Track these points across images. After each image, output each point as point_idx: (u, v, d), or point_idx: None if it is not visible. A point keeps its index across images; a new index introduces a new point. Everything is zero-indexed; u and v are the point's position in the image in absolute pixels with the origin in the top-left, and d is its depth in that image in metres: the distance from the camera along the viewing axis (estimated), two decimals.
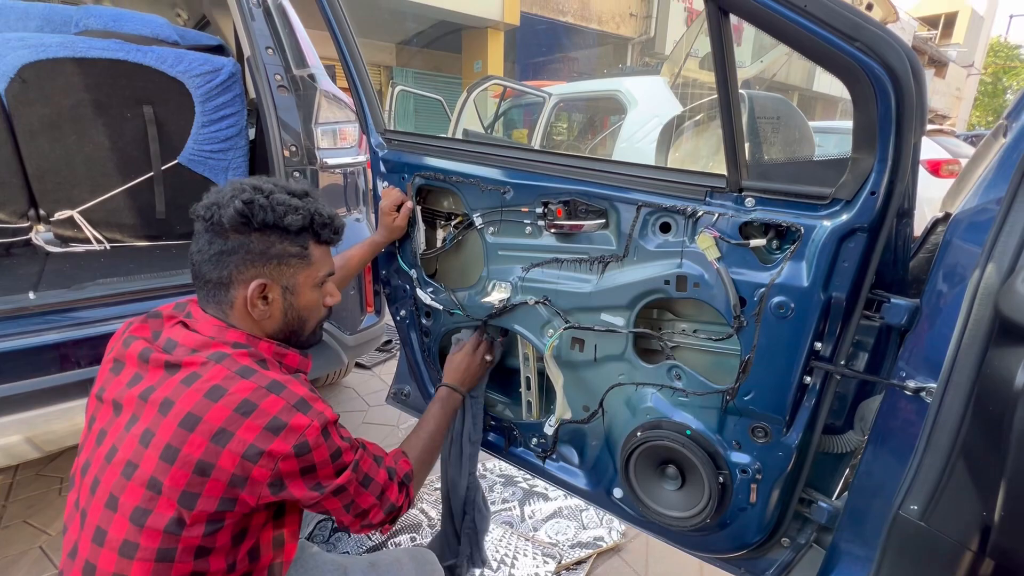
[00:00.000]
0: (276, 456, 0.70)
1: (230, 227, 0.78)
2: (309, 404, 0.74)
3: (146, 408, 0.72)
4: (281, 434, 0.70)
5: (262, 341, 0.83)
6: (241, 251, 0.79)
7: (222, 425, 0.69)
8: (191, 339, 0.77)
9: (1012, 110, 0.74)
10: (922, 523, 0.75)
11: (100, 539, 0.69)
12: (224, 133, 1.89)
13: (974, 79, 23.93)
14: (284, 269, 0.83)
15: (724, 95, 0.81)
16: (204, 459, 0.68)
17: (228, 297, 0.81)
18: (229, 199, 0.78)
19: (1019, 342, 0.59)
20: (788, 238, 0.86)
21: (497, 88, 4.96)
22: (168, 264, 1.69)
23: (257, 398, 0.71)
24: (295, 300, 0.86)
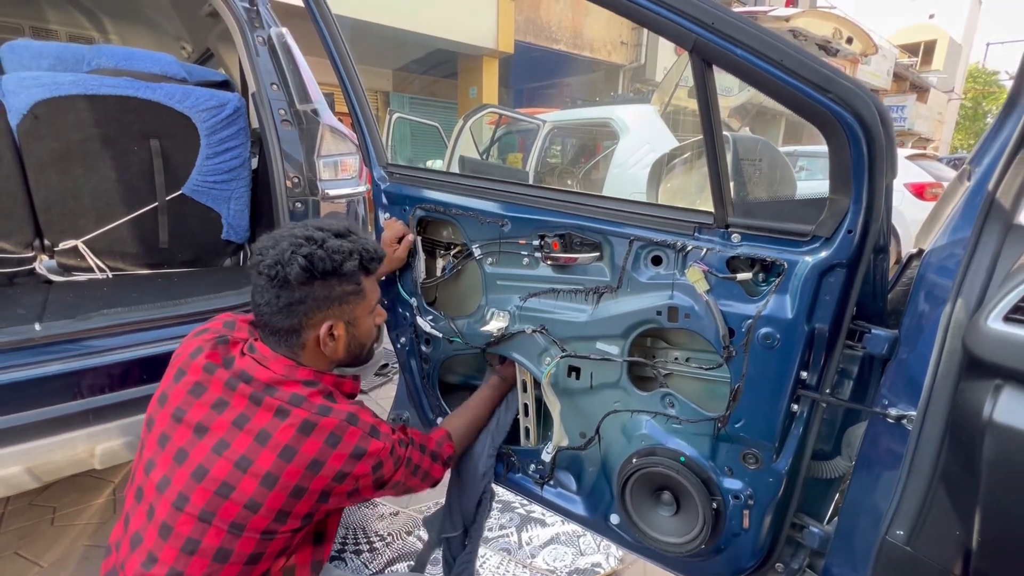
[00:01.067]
0: (358, 476, 0.87)
1: (296, 282, 0.86)
2: (378, 429, 0.92)
3: (240, 436, 0.83)
4: (362, 459, 0.87)
5: (325, 375, 0.94)
6: (308, 300, 0.89)
7: (315, 456, 0.83)
8: (265, 375, 0.87)
9: (975, 155, 0.80)
10: (908, 548, 0.77)
11: (192, 548, 0.80)
12: (228, 164, 1.94)
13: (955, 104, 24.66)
14: (345, 307, 0.93)
15: (709, 137, 0.86)
16: (300, 484, 0.82)
17: (299, 340, 0.91)
18: (291, 257, 0.85)
19: (985, 376, 0.63)
20: (773, 272, 0.91)
21: (493, 115, 5.08)
22: (171, 293, 1.71)
23: (340, 431, 0.86)
24: (356, 331, 0.97)
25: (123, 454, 1.47)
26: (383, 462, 0.91)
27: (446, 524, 1.33)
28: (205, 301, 1.62)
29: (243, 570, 0.82)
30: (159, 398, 0.90)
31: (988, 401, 0.60)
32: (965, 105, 25.90)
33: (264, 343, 0.92)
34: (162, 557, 0.79)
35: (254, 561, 0.83)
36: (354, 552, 1.82)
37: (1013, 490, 0.60)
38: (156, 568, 0.79)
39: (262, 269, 0.87)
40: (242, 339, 0.95)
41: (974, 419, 0.62)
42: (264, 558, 0.84)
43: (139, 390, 1.45)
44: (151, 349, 1.48)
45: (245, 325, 1.00)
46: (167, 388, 0.90)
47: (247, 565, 0.82)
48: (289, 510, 0.83)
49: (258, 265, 0.88)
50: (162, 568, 0.79)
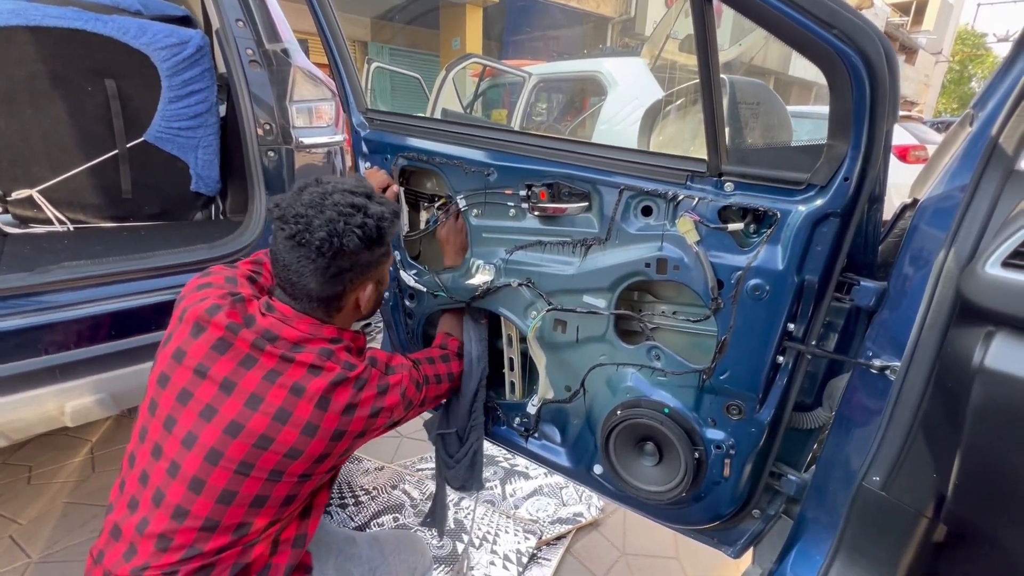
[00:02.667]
0: (391, 407, 0.94)
1: (350, 252, 0.87)
2: (392, 365, 0.99)
3: (273, 390, 0.83)
4: (389, 393, 0.94)
5: (346, 332, 0.96)
6: (356, 268, 0.91)
7: (348, 401, 0.87)
8: (293, 334, 0.88)
9: (979, 99, 0.77)
10: (883, 493, 0.79)
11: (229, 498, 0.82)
12: (193, 110, 1.81)
13: (942, 66, 24.55)
14: (381, 268, 0.97)
15: (706, 79, 0.82)
16: (339, 428, 0.86)
17: (338, 305, 0.93)
18: (345, 228, 0.85)
19: (977, 322, 0.62)
20: (765, 222, 0.89)
21: (477, 67, 4.86)
22: (138, 246, 1.63)
23: (366, 375, 0.91)
24: (382, 287, 1.01)
25: (96, 411, 1.43)
26: (406, 388, 0.98)
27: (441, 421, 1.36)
28: (176, 254, 1.54)
29: (277, 511, 0.86)
30: (174, 353, 0.87)
31: (979, 348, 0.60)
32: (952, 68, 25.82)
33: (282, 302, 0.92)
34: (195, 510, 0.80)
35: (288, 503, 0.87)
36: (339, 506, 1.84)
37: (998, 435, 0.61)
38: (189, 521, 0.80)
39: (308, 240, 0.84)
40: (253, 295, 0.94)
41: (962, 367, 0.62)
42: (296, 500, 0.89)
43: (110, 346, 1.40)
44: (120, 304, 1.42)
45: (245, 281, 0.98)
46: (183, 343, 0.87)
47: (282, 507, 0.87)
48: (329, 452, 0.87)
49: (300, 235, 0.85)
50: (195, 521, 0.80)
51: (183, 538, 0.80)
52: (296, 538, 0.93)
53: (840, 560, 0.86)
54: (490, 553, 1.67)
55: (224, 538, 0.82)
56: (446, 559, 1.64)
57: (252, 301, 0.91)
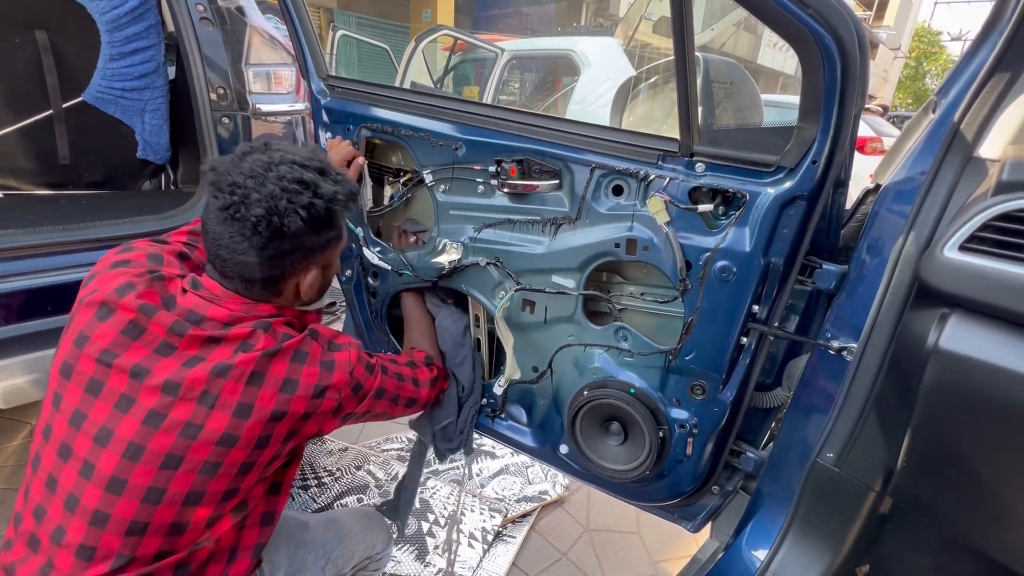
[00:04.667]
0: (338, 386, 0.83)
1: (293, 232, 0.77)
2: (336, 342, 0.88)
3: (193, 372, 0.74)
4: (336, 369, 0.83)
5: (286, 310, 0.87)
6: (298, 251, 0.81)
7: (286, 376, 0.78)
8: (221, 313, 0.78)
9: (943, 87, 0.78)
10: (836, 469, 0.82)
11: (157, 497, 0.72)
12: (138, 69, 1.67)
13: (900, 62, 25.46)
14: (328, 252, 0.87)
15: (680, 56, 0.80)
16: (278, 408, 0.77)
17: (277, 288, 0.84)
18: (287, 208, 0.75)
19: (933, 305, 0.64)
20: (733, 204, 0.89)
21: (447, 40, 4.72)
22: (78, 215, 1.51)
23: (305, 346, 0.82)
24: (329, 273, 0.91)
25: (32, 393, 1.34)
26: (354, 368, 0.87)
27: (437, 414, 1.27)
28: (119, 226, 1.44)
29: (217, 507, 0.76)
30: (75, 339, 0.76)
31: (934, 330, 0.62)
32: (909, 64, 26.82)
33: (211, 278, 0.81)
34: (117, 513, 0.71)
35: (229, 497, 0.78)
36: (302, 487, 1.80)
37: (947, 413, 0.64)
38: (112, 525, 0.70)
39: (244, 215, 0.74)
40: (177, 275, 0.82)
41: (917, 348, 0.64)
42: (239, 493, 0.79)
43: (45, 322, 1.30)
44: (57, 277, 1.32)
45: (174, 259, 0.87)
46: (87, 327, 0.75)
47: (222, 502, 0.77)
48: (269, 435, 0.77)
49: (235, 207, 0.74)
50: (119, 525, 0.71)
51: (107, 545, 0.70)
52: (264, 515, 0.87)
53: (793, 532, 0.90)
54: (456, 532, 1.67)
55: (156, 540, 0.73)
56: (411, 538, 1.63)
57: (174, 280, 0.81)
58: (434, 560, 1.58)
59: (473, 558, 1.59)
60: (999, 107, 0.69)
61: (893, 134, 6.19)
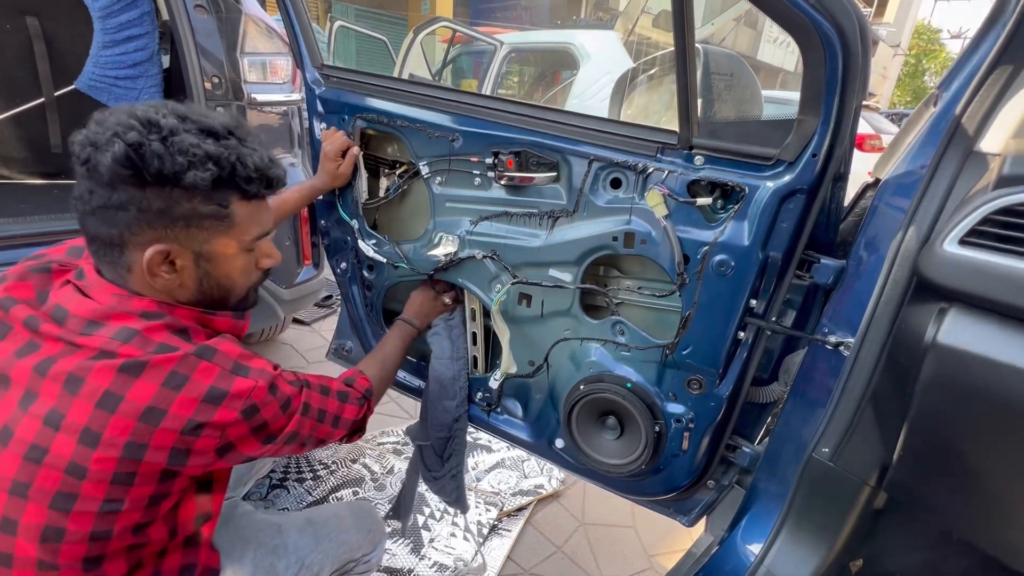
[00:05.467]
0: (223, 425, 0.65)
1: (108, 177, 0.61)
2: (246, 365, 0.69)
3: (44, 383, 0.62)
4: (223, 404, 0.65)
5: (177, 308, 0.70)
6: (132, 208, 0.63)
7: (150, 404, 0.61)
8: (85, 307, 0.65)
9: (944, 80, 0.77)
10: (831, 463, 0.82)
11: (11, 528, 0.61)
12: (131, 57, 1.65)
13: (899, 59, 25.42)
14: (195, 232, 0.67)
15: (681, 47, 0.79)
16: (134, 440, 0.61)
17: (122, 260, 0.66)
18: (109, 140, 0.60)
19: (932, 299, 0.64)
20: (732, 198, 0.88)
21: (446, 32, 4.68)
22: (68, 205, 1.49)
23: (187, 368, 0.64)
24: (211, 268, 0.71)
25: None
26: (259, 406, 0.68)
27: (419, 432, 1.31)
28: None
29: (90, 547, 0.63)
30: None
31: (932, 324, 0.61)
32: (909, 61, 26.78)
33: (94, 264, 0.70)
34: None
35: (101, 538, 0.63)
36: (297, 480, 1.80)
37: (944, 407, 0.63)
38: None
39: (75, 148, 0.63)
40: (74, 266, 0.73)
41: (914, 343, 0.64)
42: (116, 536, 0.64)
43: None
44: None
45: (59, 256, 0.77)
46: None
47: (93, 542, 0.63)
48: (132, 471, 0.62)
49: (71, 142, 0.63)
50: None
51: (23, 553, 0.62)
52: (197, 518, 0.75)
53: (788, 527, 0.90)
54: (451, 525, 1.67)
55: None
56: (407, 531, 1.63)
57: (62, 272, 0.70)
58: (429, 553, 1.58)
59: (469, 551, 1.59)
60: (1001, 101, 0.68)
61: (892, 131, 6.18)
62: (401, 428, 2.12)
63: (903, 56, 25.64)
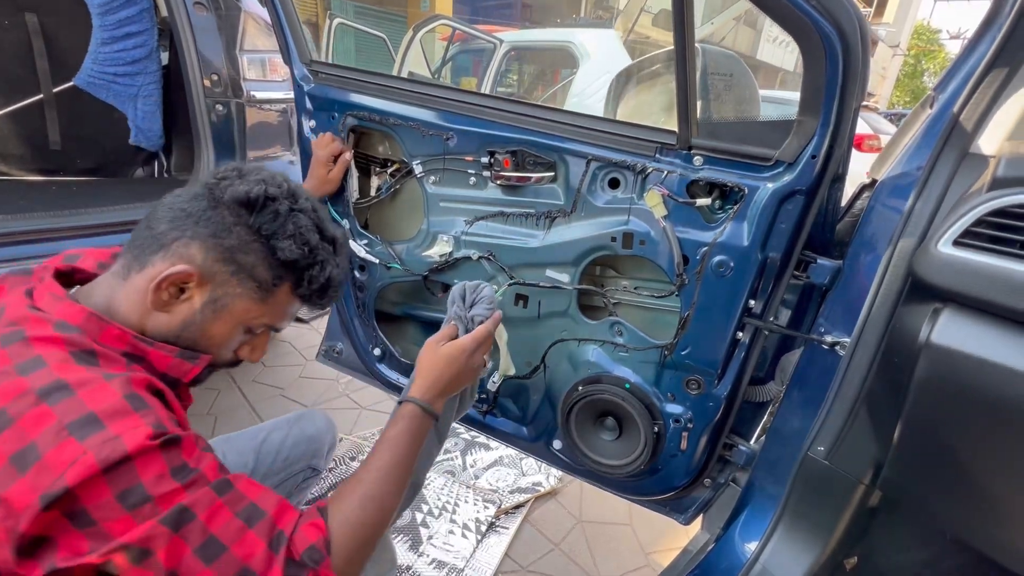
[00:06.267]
0: (14, 507, 0.45)
1: (226, 202, 0.63)
2: (100, 422, 0.48)
3: None
4: (29, 471, 0.45)
5: (110, 326, 0.59)
6: (211, 228, 0.62)
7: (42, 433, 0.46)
8: (15, 310, 0.57)
9: (940, 82, 0.78)
10: (826, 462, 0.83)
11: None
12: (131, 55, 1.65)
13: (898, 59, 25.43)
14: (232, 282, 0.64)
15: (680, 46, 0.79)
16: None
17: (148, 259, 0.62)
18: (258, 180, 0.64)
19: (926, 300, 0.64)
20: (731, 198, 0.88)
21: (445, 30, 4.67)
22: (69, 202, 1.49)
23: (20, 408, 0.48)
24: (209, 320, 0.65)
25: None
26: (77, 491, 0.46)
27: None
28: (112, 212, 1.42)
29: None
30: None
31: (926, 324, 0.62)
32: (908, 62, 26.79)
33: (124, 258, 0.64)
34: None
35: None
36: None
37: (938, 407, 0.64)
38: None
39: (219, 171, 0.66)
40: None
41: (909, 342, 0.64)
42: None
43: None
44: None
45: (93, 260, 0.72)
46: None
47: None
48: None
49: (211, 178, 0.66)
50: None
51: None
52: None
53: (783, 525, 0.90)
54: (449, 523, 1.68)
55: None
56: (404, 529, 1.64)
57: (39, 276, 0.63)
58: (427, 551, 1.58)
59: (467, 548, 1.59)
60: (996, 103, 0.68)
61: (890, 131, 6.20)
62: None
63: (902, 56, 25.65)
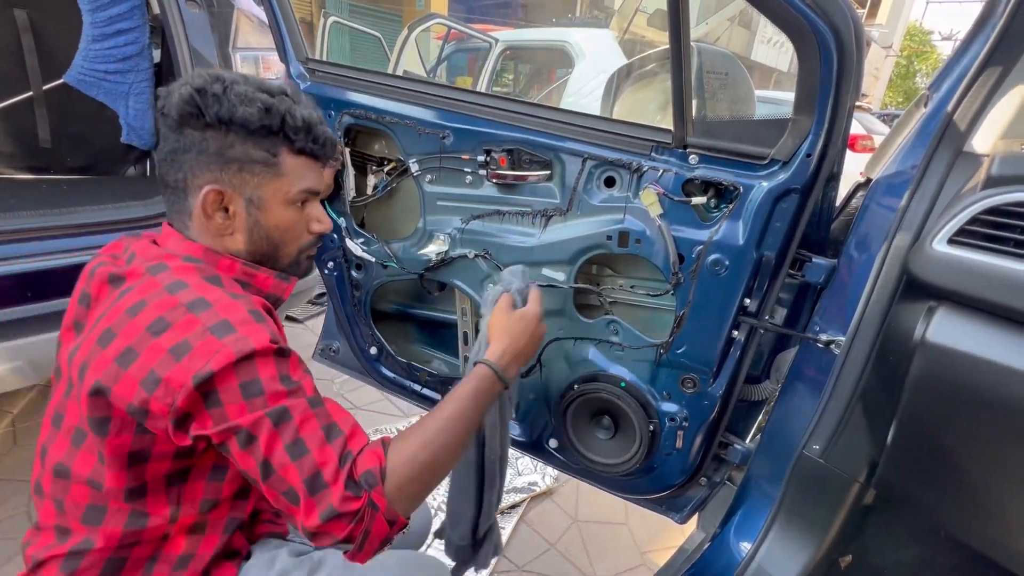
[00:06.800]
0: (172, 385, 0.58)
1: (179, 119, 0.68)
2: (233, 327, 0.61)
3: (89, 335, 0.65)
4: (183, 360, 0.59)
5: (223, 257, 0.72)
6: (194, 150, 0.68)
7: (130, 344, 0.61)
8: (149, 252, 0.70)
9: (934, 81, 0.78)
10: (822, 460, 0.83)
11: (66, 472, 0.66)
12: (122, 51, 1.63)
13: (891, 60, 25.59)
14: (246, 177, 0.70)
15: (676, 45, 0.79)
16: (103, 381, 0.60)
17: (186, 205, 0.71)
18: (179, 85, 0.68)
19: (921, 298, 0.64)
20: (726, 197, 0.88)
21: (441, 29, 4.66)
22: (58, 200, 1.48)
23: (174, 316, 0.61)
24: (261, 216, 0.73)
25: (13, 380, 1.31)
26: (215, 375, 0.58)
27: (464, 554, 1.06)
28: (102, 211, 1.41)
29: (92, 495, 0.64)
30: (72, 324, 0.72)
31: (921, 323, 0.62)
32: (900, 63, 26.98)
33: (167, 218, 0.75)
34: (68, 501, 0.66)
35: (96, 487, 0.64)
36: None
37: (933, 405, 0.64)
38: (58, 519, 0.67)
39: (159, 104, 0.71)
40: None
41: (904, 341, 0.64)
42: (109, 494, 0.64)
43: (25, 309, 1.27)
44: (37, 263, 1.28)
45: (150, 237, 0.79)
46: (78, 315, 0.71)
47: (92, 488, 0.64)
48: (105, 415, 0.62)
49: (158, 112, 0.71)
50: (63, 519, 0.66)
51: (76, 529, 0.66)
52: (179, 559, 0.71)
53: (778, 523, 0.91)
54: None
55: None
56: None
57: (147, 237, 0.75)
58: (423, 550, 1.57)
59: None
60: (990, 101, 0.69)
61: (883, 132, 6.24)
62: (397, 426, 2.11)
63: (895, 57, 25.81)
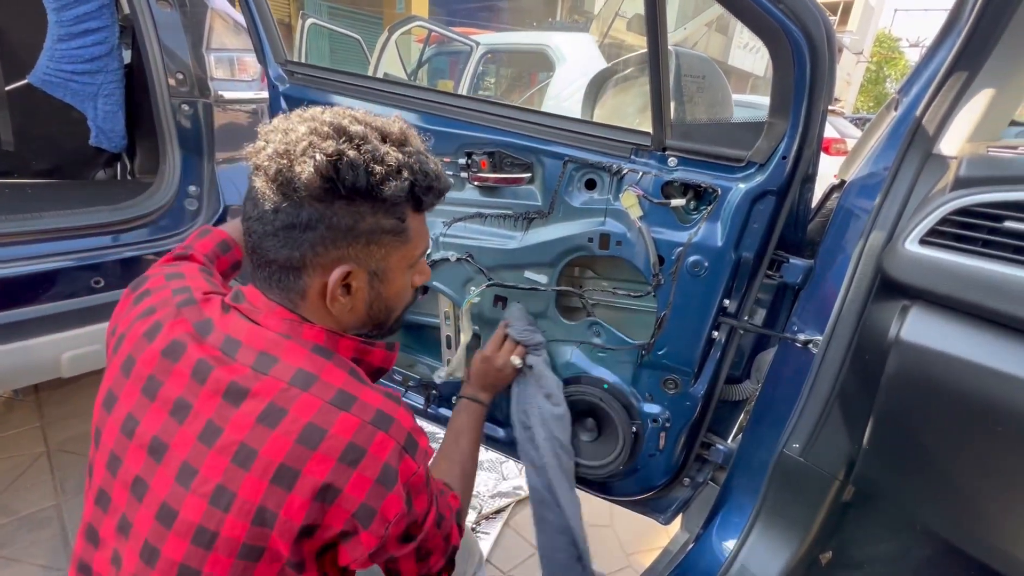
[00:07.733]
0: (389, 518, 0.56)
1: (305, 191, 0.56)
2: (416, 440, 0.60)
3: (210, 456, 0.56)
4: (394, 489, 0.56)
5: (343, 339, 0.65)
6: (320, 226, 0.58)
7: (326, 481, 0.54)
8: (257, 337, 0.60)
9: (903, 86, 0.80)
10: (801, 459, 0.84)
11: None
12: (89, 52, 1.58)
13: (862, 66, 26.37)
14: (374, 250, 0.62)
15: (654, 49, 0.80)
16: (309, 522, 0.54)
17: (298, 284, 0.61)
18: (305, 149, 0.55)
19: (895, 297, 0.66)
20: (705, 199, 0.89)
21: (421, 32, 4.65)
22: (22, 206, 1.41)
23: (364, 439, 0.56)
24: (384, 288, 0.66)
25: None
26: (414, 496, 0.59)
27: None
28: (71, 216, 1.36)
29: None
30: (104, 400, 0.63)
31: (895, 322, 0.63)
32: (870, 68, 27.80)
33: (257, 286, 0.64)
34: None
35: None
36: None
37: (907, 402, 0.65)
38: None
39: (260, 161, 0.58)
40: (212, 291, 0.67)
41: (879, 340, 0.66)
42: None
43: None
44: None
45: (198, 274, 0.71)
46: (114, 385, 0.63)
47: None
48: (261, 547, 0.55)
49: (256, 155, 0.58)
50: None
51: None
52: None
53: (760, 522, 0.91)
54: None
55: None
56: None
57: (212, 299, 0.65)
58: None
59: None
60: (957, 106, 0.71)
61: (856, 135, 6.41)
62: None
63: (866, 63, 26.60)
